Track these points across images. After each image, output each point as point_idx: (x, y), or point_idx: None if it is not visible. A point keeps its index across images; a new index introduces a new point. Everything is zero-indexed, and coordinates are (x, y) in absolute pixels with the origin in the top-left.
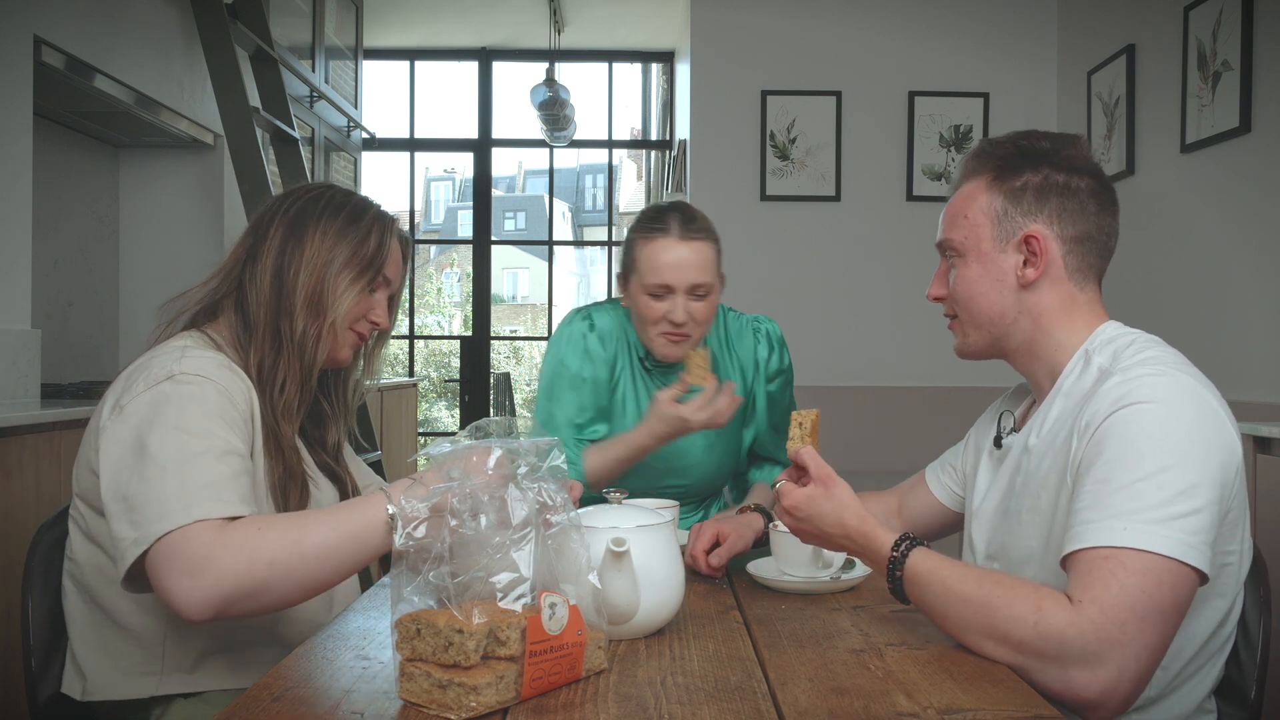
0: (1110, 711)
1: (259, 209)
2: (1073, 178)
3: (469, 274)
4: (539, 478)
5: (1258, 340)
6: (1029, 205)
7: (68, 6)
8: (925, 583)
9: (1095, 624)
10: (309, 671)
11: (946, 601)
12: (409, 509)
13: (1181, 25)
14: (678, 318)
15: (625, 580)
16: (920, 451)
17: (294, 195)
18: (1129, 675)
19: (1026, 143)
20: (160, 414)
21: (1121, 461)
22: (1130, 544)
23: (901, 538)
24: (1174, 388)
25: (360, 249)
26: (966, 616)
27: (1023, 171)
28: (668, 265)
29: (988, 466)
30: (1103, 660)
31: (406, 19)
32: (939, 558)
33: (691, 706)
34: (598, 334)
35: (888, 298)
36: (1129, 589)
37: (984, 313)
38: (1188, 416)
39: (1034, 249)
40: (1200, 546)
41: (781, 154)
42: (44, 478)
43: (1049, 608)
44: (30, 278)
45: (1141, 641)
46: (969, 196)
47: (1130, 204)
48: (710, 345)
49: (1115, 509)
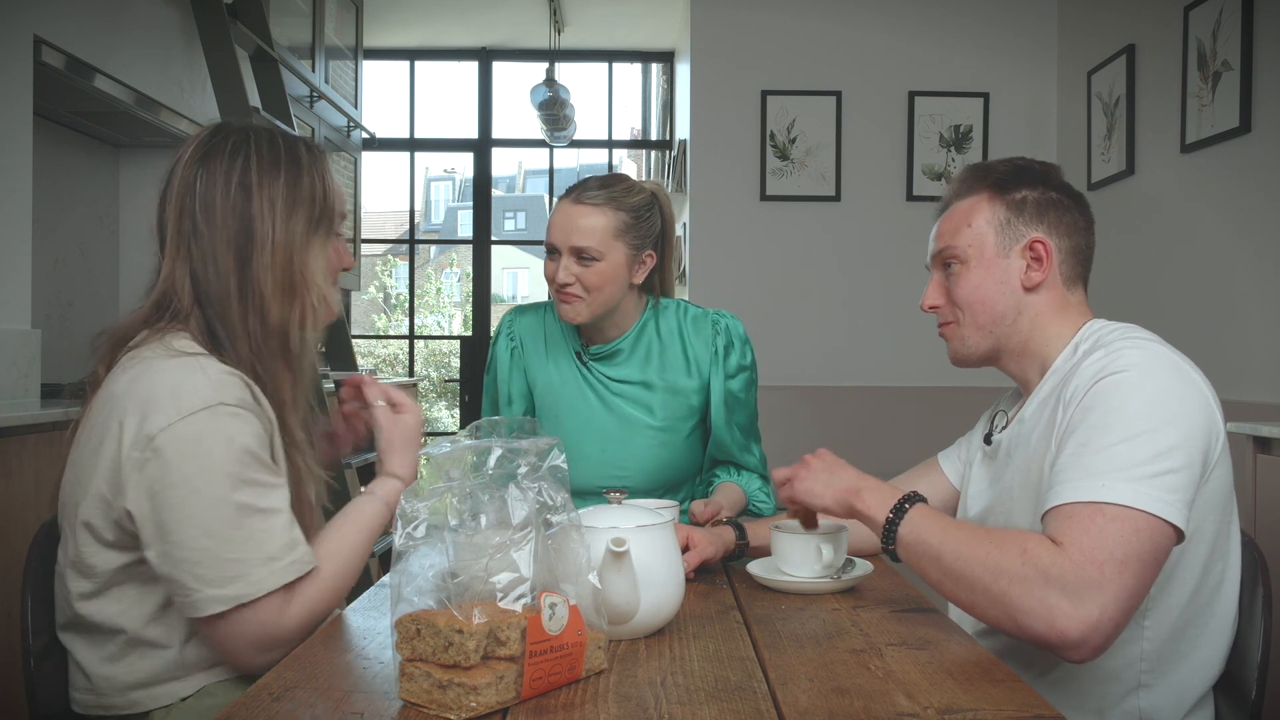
0: (1091, 650)
1: (161, 189)
2: (1064, 197)
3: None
4: (539, 478)
5: (1258, 340)
6: (1030, 216)
7: (68, 6)
8: (928, 521)
9: (1076, 563)
10: (309, 671)
11: (944, 540)
12: (409, 509)
13: (1181, 25)
14: (560, 277)
15: (625, 580)
16: (920, 452)
17: (204, 160)
18: (1109, 615)
19: (1021, 163)
20: (210, 457)
21: (1101, 426)
22: (1109, 499)
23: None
24: (1153, 357)
25: (312, 204)
26: (962, 552)
27: (1021, 187)
28: (554, 225)
29: (981, 462)
30: (1083, 598)
31: (406, 19)
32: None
33: (691, 706)
34: (516, 326)
35: (887, 298)
36: (1108, 534)
37: (987, 314)
38: (1165, 384)
39: (1038, 254)
40: (1177, 504)
41: (781, 154)
42: (44, 478)
43: (1033, 547)
44: (30, 278)
45: (1120, 583)
46: (970, 209)
47: (1130, 204)
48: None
49: (1095, 469)
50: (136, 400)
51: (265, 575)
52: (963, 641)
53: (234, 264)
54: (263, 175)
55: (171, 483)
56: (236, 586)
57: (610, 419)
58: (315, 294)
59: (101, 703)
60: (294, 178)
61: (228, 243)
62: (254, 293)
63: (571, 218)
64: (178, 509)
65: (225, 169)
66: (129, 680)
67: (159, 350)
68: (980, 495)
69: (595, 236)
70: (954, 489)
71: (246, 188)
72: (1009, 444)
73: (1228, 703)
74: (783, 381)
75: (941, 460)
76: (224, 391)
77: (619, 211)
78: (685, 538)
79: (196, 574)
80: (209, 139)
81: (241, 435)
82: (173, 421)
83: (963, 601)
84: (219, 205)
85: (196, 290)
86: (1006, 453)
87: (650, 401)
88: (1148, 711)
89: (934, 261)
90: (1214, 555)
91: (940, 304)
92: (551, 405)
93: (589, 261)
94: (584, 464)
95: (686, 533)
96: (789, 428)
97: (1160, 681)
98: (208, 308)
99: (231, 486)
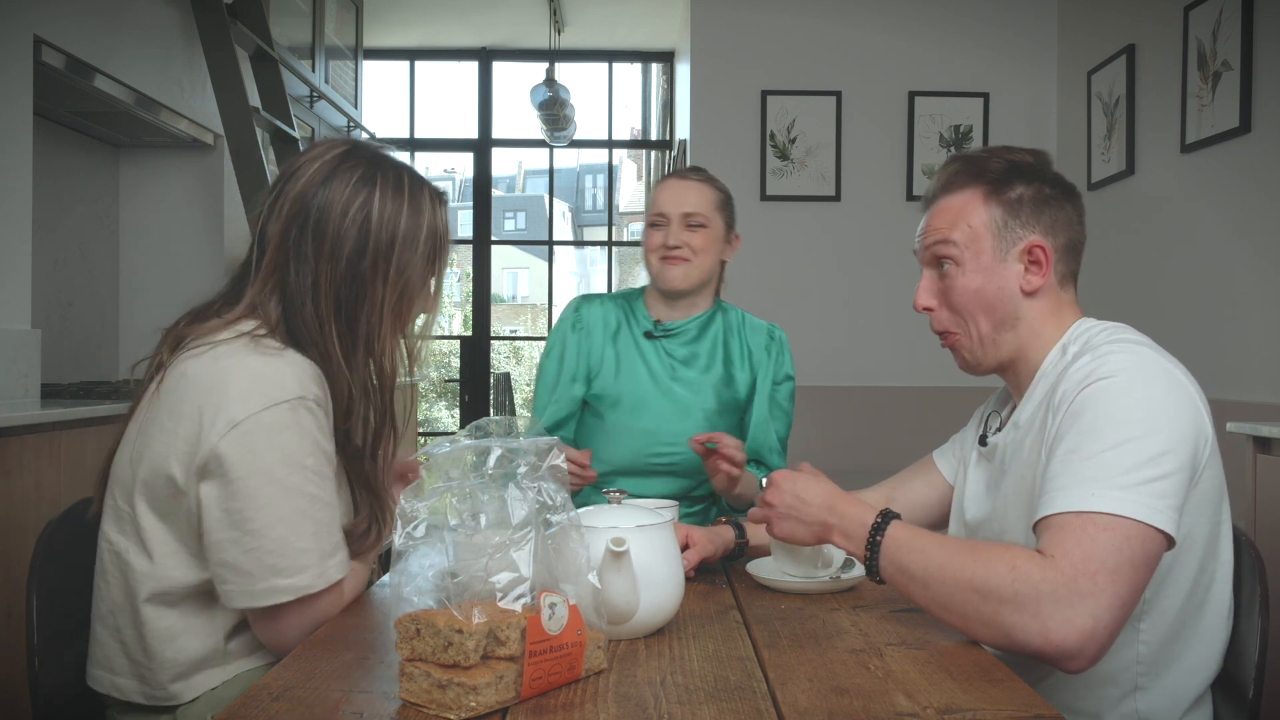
0: (1087, 660)
1: (269, 195)
2: (1056, 190)
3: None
4: (539, 478)
5: (1258, 340)
6: (1027, 216)
7: (68, 6)
8: (906, 549)
9: (1067, 575)
10: (309, 671)
11: (926, 567)
12: (409, 509)
13: (1181, 25)
14: (670, 241)
15: (625, 580)
16: (920, 452)
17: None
18: (1103, 624)
19: (1013, 158)
20: (291, 447)
21: (1090, 433)
22: (1099, 508)
23: (883, 511)
24: (1141, 362)
25: (429, 240)
26: (946, 578)
27: (1016, 185)
28: (664, 197)
29: (976, 464)
30: (1077, 609)
31: (406, 19)
32: (917, 529)
33: (691, 706)
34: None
35: (887, 298)
36: (1099, 543)
37: (986, 319)
38: (1153, 389)
39: (1036, 258)
40: (1166, 510)
41: (781, 154)
42: (44, 478)
43: (1023, 564)
44: (30, 278)
45: (1113, 591)
46: (966, 206)
47: (1130, 204)
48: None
49: (1084, 477)
50: (218, 386)
51: (329, 567)
52: (962, 641)
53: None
54: (385, 202)
55: (254, 470)
56: (305, 577)
57: (667, 401)
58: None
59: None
60: (414, 198)
61: (338, 260)
62: (357, 339)
63: (681, 190)
64: (257, 496)
65: (348, 193)
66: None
67: (237, 343)
68: (977, 500)
69: (704, 204)
70: (950, 486)
71: (367, 211)
72: (1005, 451)
73: (1226, 702)
74: None
75: (937, 458)
76: (305, 385)
77: (717, 190)
78: (684, 536)
79: (268, 563)
80: (338, 161)
81: (317, 429)
82: (257, 411)
83: (954, 625)
84: (334, 225)
85: (285, 305)
86: (1003, 460)
87: (706, 385)
88: (1146, 713)
89: (925, 254)
90: (1206, 556)
91: (934, 306)
92: (611, 385)
93: (696, 227)
94: (638, 439)
95: (686, 531)
96: None
97: (1157, 684)
98: (293, 320)
99: (305, 478)
